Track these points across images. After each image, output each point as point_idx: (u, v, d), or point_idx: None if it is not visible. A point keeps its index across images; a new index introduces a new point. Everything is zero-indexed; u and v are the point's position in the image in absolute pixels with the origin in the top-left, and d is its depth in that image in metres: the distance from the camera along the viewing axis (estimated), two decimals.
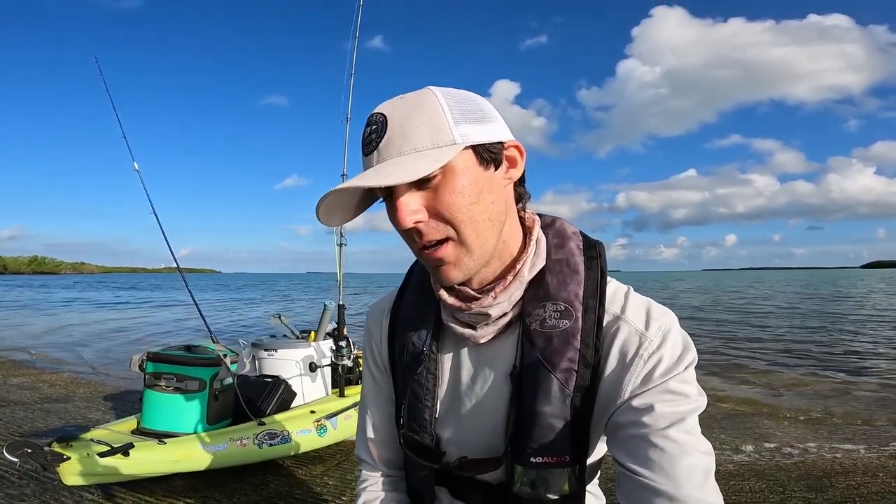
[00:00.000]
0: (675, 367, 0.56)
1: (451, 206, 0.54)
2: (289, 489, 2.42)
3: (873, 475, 2.62)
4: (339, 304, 3.10)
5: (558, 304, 0.59)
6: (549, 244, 0.64)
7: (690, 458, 0.51)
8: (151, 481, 2.27)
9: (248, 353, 3.05)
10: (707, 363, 6.38)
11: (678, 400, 0.54)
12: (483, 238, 0.57)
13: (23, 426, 3.32)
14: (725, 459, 2.90)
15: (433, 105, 0.55)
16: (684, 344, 0.58)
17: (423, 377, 0.66)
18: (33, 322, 12.08)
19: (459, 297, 0.62)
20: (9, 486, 2.28)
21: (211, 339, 3.02)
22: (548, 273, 0.61)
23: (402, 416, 0.68)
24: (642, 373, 0.56)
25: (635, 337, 0.58)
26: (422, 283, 0.70)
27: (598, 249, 0.63)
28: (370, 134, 0.56)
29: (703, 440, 0.53)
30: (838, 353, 7.06)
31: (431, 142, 0.54)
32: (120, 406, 4.04)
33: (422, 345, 0.66)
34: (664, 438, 0.51)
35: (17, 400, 4.10)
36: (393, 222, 0.58)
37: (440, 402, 0.67)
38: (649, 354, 0.56)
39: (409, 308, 0.71)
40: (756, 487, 2.48)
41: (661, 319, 0.59)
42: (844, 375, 5.46)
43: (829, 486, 2.48)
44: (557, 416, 0.57)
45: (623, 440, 0.55)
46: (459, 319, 0.63)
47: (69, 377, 5.25)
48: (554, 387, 0.57)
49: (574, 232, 0.66)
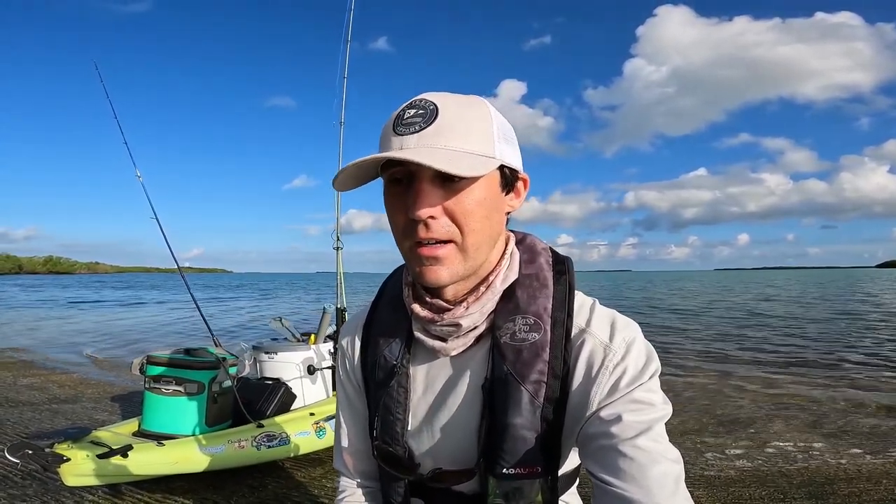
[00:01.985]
0: (640, 376, 0.57)
1: (468, 213, 0.56)
2: (287, 491, 2.44)
3: (877, 482, 2.57)
4: (338, 308, 3.12)
5: (528, 318, 0.60)
6: (521, 259, 0.65)
7: (660, 466, 0.51)
8: (151, 482, 2.30)
9: (249, 355, 3.08)
10: (709, 365, 6.32)
11: (644, 409, 0.55)
12: (480, 252, 0.59)
13: (30, 427, 3.39)
14: (727, 465, 2.87)
15: (486, 115, 0.57)
16: (647, 354, 0.59)
17: (394, 390, 0.67)
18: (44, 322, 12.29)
19: (432, 310, 0.62)
20: (11, 487, 2.32)
21: (213, 341, 3.06)
22: (518, 287, 0.63)
23: (376, 428, 0.69)
24: (608, 384, 0.57)
25: (600, 349, 0.59)
26: (394, 299, 0.71)
27: (567, 265, 0.65)
28: (414, 116, 0.55)
29: (671, 448, 0.54)
30: (847, 355, 6.93)
31: (480, 147, 0.55)
32: (127, 407, 4.09)
33: (394, 358, 0.67)
34: (633, 448, 0.52)
35: (27, 401, 4.18)
36: (394, 210, 0.58)
37: (413, 415, 0.67)
38: (614, 365, 0.57)
39: (381, 323, 0.71)
40: (756, 494, 2.45)
41: (625, 331, 0.60)
42: (853, 379, 5.37)
43: (830, 493, 2.45)
44: (528, 428, 0.58)
45: (594, 451, 0.56)
46: (430, 332, 0.64)
47: (78, 377, 5.33)
48: (524, 399, 0.58)
49: (544, 248, 0.68)
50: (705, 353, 7.32)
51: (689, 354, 7.24)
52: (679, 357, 6.95)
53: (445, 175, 0.54)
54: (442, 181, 0.55)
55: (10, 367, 5.93)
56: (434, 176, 0.54)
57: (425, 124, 0.54)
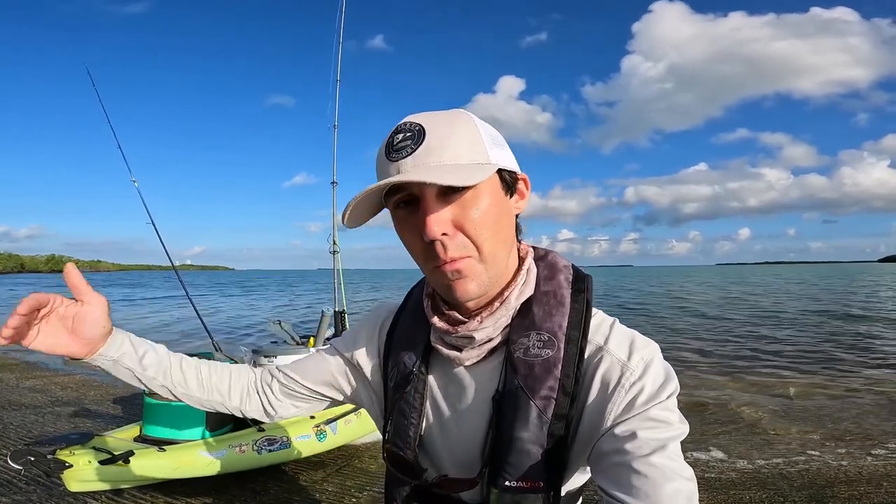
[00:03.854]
0: (657, 395, 0.56)
1: (478, 223, 0.56)
2: (289, 495, 2.45)
3: (877, 484, 2.58)
4: (336, 311, 3.12)
5: (542, 334, 0.61)
6: (540, 276, 0.66)
7: (674, 484, 0.51)
8: (154, 487, 2.32)
9: (249, 359, 3.10)
10: (712, 366, 6.32)
11: (660, 427, 0.54)
12: (498, 258, 0.60)
13: (32, 430, 3.41)
14: (728, 467, 2.88)
15: (470, 124, 0.58)
16: (666, 374, 0.59)
17: (410, 396, 0.68)
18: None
19: (448, 322, 0.64)
20: (16, 492, 2.34)
21: (213, 345, 3.07)
22: (535, 304, 0.63)
23: (388, 431, 0.70)
24: (624, 401, 0.57)
25: (617, 367, 0.59)
26: (416, 307, 0.72)
27: (586, 283, 0.65)
28: (403, 140, 0.56)
29: (685, 466, 0.53)
30: (848, 357, 6.93)
31: (471, 157, 0.56)
32: (129, 409, 4.11)
33: (412, 365, 0.69)
34: (647, 465, 0.51)
35: (30, 403, 4.20)
36: (408, 235, 0.59)
37: (424, 421, 0.69)
38: (631, 384, 0.57)
39: (403, 330, 0.74)
40: (756, 497, 2.46)
41: (644, 350, 0.60)
42: (855, 380, 5.37)
43: (830, 495, 2.45)
44: (534, 442, 0.58)
45: (607, 468, 0.55)
46: (446, 342, 0.65)
47: (81, 379, 5.35)
48: (532, 413, 0.58)
49: (565, 265, 0.68)
50: (705, 353, 7.33)
51: (689, 354, 7.24)
52: (679, 357, 6.95)
53: (448, 190, 0.55)
54: (446, 197, 0.56)
55: (14, 368, 5.97)
56: (438, 193, 0.55)
57: (416, 145, 0.55)
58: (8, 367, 5.95)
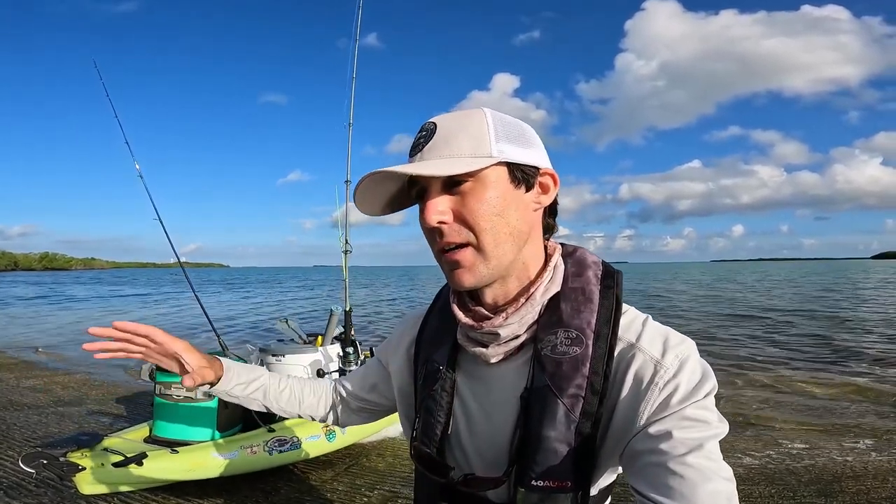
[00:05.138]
0: (693, 394, 0.55)
1: (476, 213, 0.58)
2: (299, 495, 2.45)
3: (883, 479, 2.61)
4: (346, 310, 3.11)
5: (570, 332, 0.60)
6: (568, 272, 0.66)
7: (712, 485, 0.49)
8: (164, 488, 2.31)
9: (257, 358, 3.08)
10: (715, 361, 6.36)
11: (697, 426, 0.53)
12: (501, 250, 0.59)
13: (37, 431, 3.38)
14: (735, 463, 2.90)
15: (480, 121, 0.60)
16: (703, 372, 0.57)
17: (437, 394, 0.68)
18: (45, 319, 12.25)
19: (474, 318, 0.65)
20: (26, 495, 2.32)
21: (219, 344, 3.05)
22: (562, 300, 0.63)
23: (416, 429, 0.70)
24: (658, 400, 0.56)
25: (650, 365, 0.58)
26: (444, 307, 0.74)
27: (616, 279, 0.64)
28: (419, 139, 0.62)
29: (724, 466, 0.52)
30: (852, 352, 6.98)
31: (471, 151, 0.59)
32: (132, 409, 4.09)
33: (440, 363, 0.70)
34: (683, 465, 0.50)
35: (31, 403, 4.17)
36: (421, 223, 0.62)
37: (452, 419, 0.69)
38: (665, 382, 0.56)
39: (432, 329, 0.75)
40: (766, 492, 2.48)
41: (678, 348, 0.58)
42: (859, 375, 5.42)
43: (838, 490, 2.48)
44: (562, 441, 0.58)
45: (641, 469, 0.54)
46: (472, 338, 0.66)
47: (81, 378, 5.31)
48: (560, 412, 0.58)
49: (594, 261, 0.67)
50: (711, 349, 7.37)
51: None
52: None
53: (449, 182, 0.59)
54: (447, 188, 0.59)
55: (13, 367, 5.92)
56: (440, 185, 0.59)
57: (425, 143, 0.60)
58: (7, 367, 5.90)
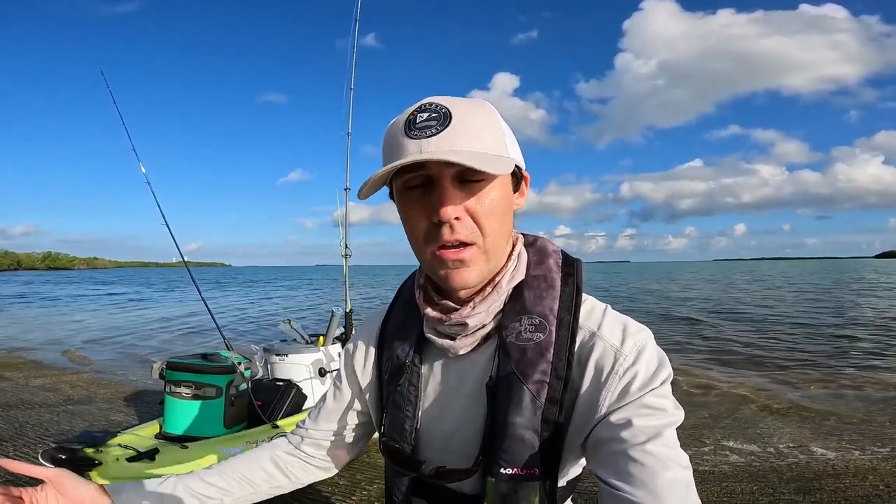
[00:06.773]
0: (651, 381, 0.57)
1: (488, 213, 0.58)
2: (299, 490, 2.55)
3: (863, 478, 2.70)
4: (347, 311, 3.22)
5: (533, 318, 0.61)
6: (530, 261, 0.67)
7: (670, 473, 0.51)
8: None
9: (261, 357, 3.19)
10: (703, 361, 6.42)
11: (655, 414, 0.55)
12: (499, 252, 0.61)
13: (49, 429, 3.50)
14: (721, 460, 3.00)
15: (495, 117, 0.60)
16: (660, 360, 0.59)
17: (404, 388, 0.68)
18: (51, 319, 12.37)
19: (441, 310, 0.64)
20: None
21: (225, 345, 3.17)
22: (525, 288, 0.64)
23: (384, 424, 0.70)
24: (618, 388, 0.57)
25: (610, 353, 0.59)
26: (408, 301, 0.73)
27: (576, 266, 0.66)
28: (428, 119, 0.56)
29: (681, 453, 0.54)
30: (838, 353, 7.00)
31: (496, 148, 0.57)
32: (140, 407, 4.21)
33: (405, 357, 0.69)
34: (643, 453, 0.52)
35: (42, 402, 4.29)
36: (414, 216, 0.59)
37: (420, 412, 0.69)
38: (624, 370, 0.57)
39: (395, 325, 0.74)
40: (747, 489, 2.58)
41: (637, 336, 0.60)
42: (844, 376, 5.45)
43: (817, 488, 2.57)
44: (528, 428, 0.58)
45: (603, 456, 0.56)
46: (440, 331, 0.66)
47: (90, 377, 5.43)
48: (526, 398, 0.59)
49: (554, 250, 0.68)
50: (698, 349, 7.43)
51: (683, 350, 7.34)
52: (673, 354, 7.06)
53: (464, 177, 0.56)
54: (461, 183, 0.56)
55: (22, 367, 6.04)
56: (455, 178, 0.56)
57: (441, 127, 0.55)
58: (15, 367, 6.02)
